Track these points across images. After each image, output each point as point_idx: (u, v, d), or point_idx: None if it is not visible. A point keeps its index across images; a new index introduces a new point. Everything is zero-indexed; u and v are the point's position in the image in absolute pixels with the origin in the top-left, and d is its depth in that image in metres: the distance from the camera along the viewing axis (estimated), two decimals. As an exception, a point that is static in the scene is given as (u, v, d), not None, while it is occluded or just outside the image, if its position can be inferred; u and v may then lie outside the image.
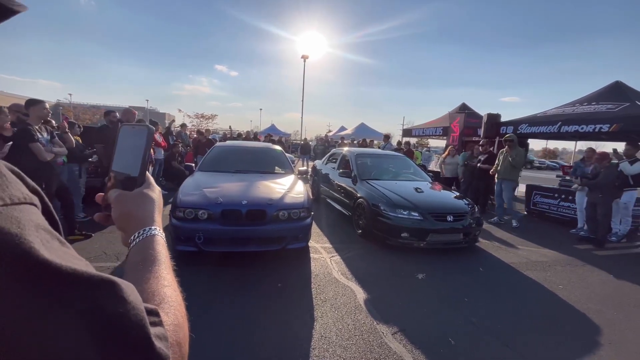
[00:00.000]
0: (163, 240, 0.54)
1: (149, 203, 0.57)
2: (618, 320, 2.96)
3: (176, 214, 3.48)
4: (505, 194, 6.31)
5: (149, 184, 0.60)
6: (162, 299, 0.42)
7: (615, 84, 6.92)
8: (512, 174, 6.25)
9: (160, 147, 7.26)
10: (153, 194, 0.59)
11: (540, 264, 4.30)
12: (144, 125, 0.59)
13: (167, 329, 0.36)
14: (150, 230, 0.53)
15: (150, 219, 0.55)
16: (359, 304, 2.91)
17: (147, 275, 0.45)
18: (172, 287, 0.46)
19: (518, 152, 6.21)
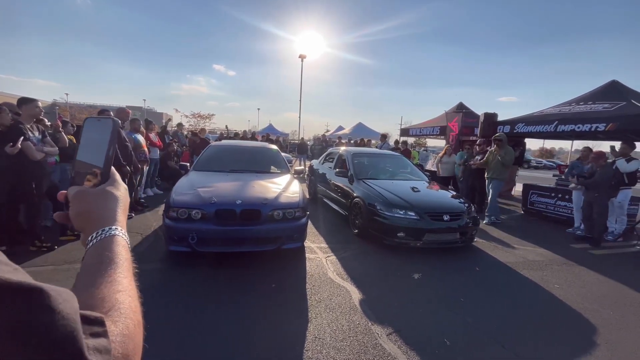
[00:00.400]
0: (124, 241, 0.51)
1: (111, 201, 0.53)
2: (614, 320, 2.94)
3: (169, 214, 3.43)
4: (492, 192, 6.35)
5: (114, 180, 0.56)
6: (112, 306, 0.39)
7: (611, 83, 6.93)
8: (502, 173, 6.31)
9: (156, 146, 7.20)
10: (117, 192, 0.55)
11: (537, 263, 4.29)
12: (109, 117, 0.56)
13: (112, 340, 0.32)
14: (110, 230, 0.50)
15: (111, 219, 0.51)
16: (354, 305, 2.88)
17: (100, 279, 0.42)
18: (127, 292, 0.43)
19: (507, 150, 6.26)
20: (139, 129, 6.10)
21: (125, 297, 0.42)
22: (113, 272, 0.44)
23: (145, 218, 5.25)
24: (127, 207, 0.57)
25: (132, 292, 0.44)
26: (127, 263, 0.48)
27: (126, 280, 0.45)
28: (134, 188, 5.76)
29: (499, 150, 6.23)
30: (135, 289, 0.45)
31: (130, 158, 5.25)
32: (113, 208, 0.53)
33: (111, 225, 0.50)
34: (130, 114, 5.65)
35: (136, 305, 0.43)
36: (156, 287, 3.02)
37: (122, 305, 0.40)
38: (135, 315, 0.41)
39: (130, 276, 0.46)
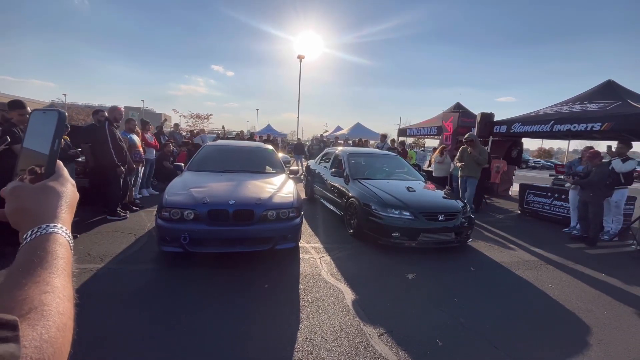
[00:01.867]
0: (64, 240, 0.48)
1: (51, 197, 0.50)
2: (608, 320, 2.93)
3: (162, 214, 3.41)
4: (469, 190, 6.44)
5: (59, 175, 0.53)
6: (32, 308, 0.36)
7: (607, 82, 6.93)
8: (477, 171, 6.45)
9: (152, 147, 7.17)
10: (60, 187, 0.52)
11: (532, 263, 4.28)
12: (55, 109, 0.53)
13: (25, 345, 0.30)
14: (47, 228, 0.47)
15: (50, 216, 0.48)
16: (346, 305, 2.86)
17: (24, 279, 0.39)
18: (57, 293, 0.40)
19: (481, 150, 6.43)
20: (134, 129, 6.07)
21: (53, 298, 0.39)
22: (43, 272, 0.41)
23: (140, 218, 5.21)
24: (73, 205, 0.54)
25: (63, 293, 0.41)
26: (62, 262, 0.44)
27: (58, 280, 0.41)
28: (129, 188, 5.74)
29: (473, 151, 6.37)
30: (68, 289, 0.42)
31: (124, 158, 5.23)
32: (53, 204, 0.50)
33: (50, 222, 0.47)
34: (122, 111, 5.62)
35: (65, 308, 0.40)
36: (148, 288, 2.99)
37: (46, 308, 0.37)
38: (62, 318, 0.38)
39: (64, 276, 0.43)
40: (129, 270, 3.34)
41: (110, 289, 2.93)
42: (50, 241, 0.45)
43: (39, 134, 0.52)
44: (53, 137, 0.52)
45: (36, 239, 0.45)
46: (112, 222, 4.85)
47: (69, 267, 0.45)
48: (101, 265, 3.37)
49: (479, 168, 6.45)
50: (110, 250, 3.80)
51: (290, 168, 5.35)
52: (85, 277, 3.09)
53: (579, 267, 4.25)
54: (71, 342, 0.38)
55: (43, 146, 0.52)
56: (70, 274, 0.45)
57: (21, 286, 0.38)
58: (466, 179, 6.52)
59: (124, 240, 4.15)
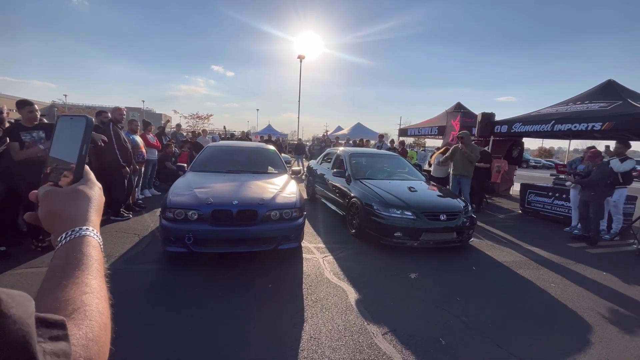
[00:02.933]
0: (96, 242, 0.50)
1: (82, 200, 0.53)
2: (609, 318, 2.95)
3: (166, 215, 3.44)
4: (464, 190, 6.42)
5: (87, 179, 0.56)
6: (76, 308, 0.38)
7: (607, 82, 6.95)
8: (469, 170, 6.45)
9: (154, 147, 7.20)
10: (90, 191, 0.55)
11: (533, 262, 4.30)
12: (83, 115, 0.55)
13: (74, 343, 0.32)
14: (80, 230, 0.49)
15: (82, 219, 0.51)
16: (350, 304, 2.88)
17: (65, 281, 0.42)
18: (95, 294, 0.42)
19: (473, 148, 6.43)
20: (137, 129, 6.10)
21: (92, 299, 0.41)
22: (81, 274, 0.43)
23: (143, 219, 5.24)
24: (100, 207, 0.56)
25: (100, 294, 0.43)
26: (97, 264, 0.47)
27: (95, 282, 0.44)
28: (132, 189, 5.77)
29: (465, 148, 6.34)
30: (104, 290, 0.45)
31: (129, 159, 5.25)
32: (85, 208, 0.52)
33: (82, 225, 0.50)
34: (125, 112, 5.65)
35: (104, 307, 0.42)
36: (152, 288, 3.02)
37: (87, 308, 0.39)
38: (102, 317, 0.40)
39: (100, 277, 0.46)
40: (133, 270, 3.37)
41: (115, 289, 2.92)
42: (83, 244, 0.48)
43: (66, 139, 0.54)
44: (81, 142, 0.54)
45: (71, 242, 0.47)
46: (116, 223, 4.88)
47: (102, 268, 0.48)
48: (106, 266, 3.39)
49: (471, 167, 6.46)
50: (115, 250, 3.83)
51: (292, 168, 5.37)
52: (91, 277, 3.12)
53: (580, 266, 4.28)
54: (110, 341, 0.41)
55: (71, 151, 0.54)
56: (103, 275, 0.47)
57: (62, 287, 0.40)
58: (460, 178, 6.50)
59: (127, 241, 4.18)
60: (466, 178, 6.47)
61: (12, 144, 3.47)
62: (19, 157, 3.50)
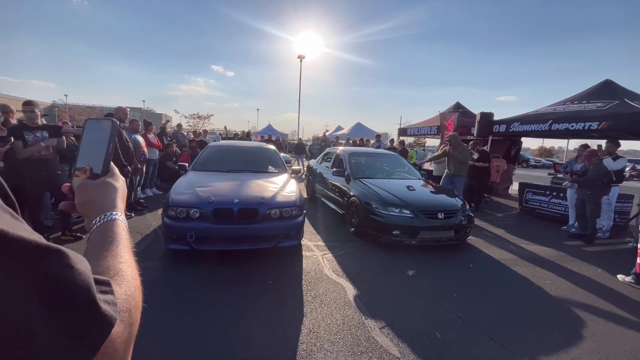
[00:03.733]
0: (124, 224, 0.58)
1: (111, 190, 0.61)
2: (602, 313, 3.02)
3: (168, 213, 3.50)
4: (458, 188, 6.50)
5: (113, 173, 0.64)
6: (116, 273, 0.46)
7: (605, 82, 7.00)
8: (462, 169, 6.54)
9: (155, 147, 7.27)
10: (116, 183, 0.63)
11: (530, 259, 4.36)
12: (109, 119, 0.63)
13: (117, 297, 0.40)
14: (111, 215, 0.57)
15: (112, 205, 0.59)
16: (348, 300, 2.95)
17: (104, 253, 0.49)
18: (128, 264, 0.50)
19: (462, 149, 6.52)
20: (138, 129, 6.17)
21: (127, 267, 0.49)
22: (115, 248, 0.51)
23: (145, 218, 5.31)
24: (124, 197, 0.64)
25: (131, 264, 0.51)
26: (126, 242, 0.55)
27: (127, 254, 0.52)
28: (133, 188, 5.84)
29: (454, 151, 6.45)
30: (134, 262, 0.53)
31: (131, 158, 5.31)
32: (113, 197, 0.61)
33: (112, 210, 0.58)
34: (128, 111, 5.72)
35: (136, 274, 0.50)
36: (155, 285, 3.09)
37: (124, 273, 0.47)
38: (135, 281, 0.49)
39: (129, 252, 0.54)
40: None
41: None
42: (115, 225, 0.56)
43: (94, 140, 0.62)
44: (108, 141, 0.61)
45: (104, 224, 0.56)
46: (118, 221, 4.94)
47: (130, 244, 0.56)
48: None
49: (463, 166, 6.57)
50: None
51: (292, 167, 5.44)
52: (95, 274, 3.19)
53: (576, 263, 4.34)
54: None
55: (99, 150, 0.61)
56: (131, 250, 0.55)
57: (103, 257, 0.49)
58: (452, 177, 6.59)
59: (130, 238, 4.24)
60: (459, 177, 6.55)
61: (15, 142, 3.56)
62: (22, 155, 3.61)
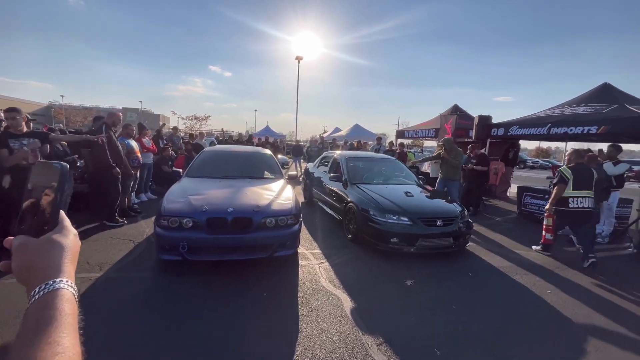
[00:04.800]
0: (70, 294, 0.49)
1: (56, 251, 0.52)
2: (604, 325, 2.95)
3: (160, 223, 3.41)
4: (452, 192, 6.43)
5: (62, 227, 0.55)
6: None
7: (603, 85, 6.97)
8: (456, 174, 6.50)
9: (150, 151, 7.16)
10: (64, 240, 0.54)
11: (530, 267, 4.30)
12: (58, 163, 0.54)
13: None
14: (53, 284, 0.48)
15: (55, 270, 0.50)
16: (345, 314, 2.87)
17: (39, 339, 0.41)
18: (67, 353, 0.42)
19: (456, 153, 6.46)
20: (132, 134, 6.07)
21: (65, 359, 0.41)
22: (53, 332, 0.43)
23: (138, 225, 5.21)
24: (76, 254, 0.56)
25: (72, 351, 0.43)
26: (70, 319, 0.46)
27: (67, 340, 0.43)
28: (127, 193, 5.73)
29: (448, 155, 6.40)
30: (77, 347, 0.44)
31: (120, 159, 5.20)
32: (58, 258, 0.51)
33: (55, 277, 0.49)
34: (121, 117, 5.63)
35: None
36: (147, 297, 3.00)
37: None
38: None
39: (72, 333, 0.45)
40: (127, 278, 3.34)
41: (109, 298, 2.93)
42: (57, 297, 0.47)
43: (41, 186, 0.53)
44: (57, 189, 0.53)
45: (44, 296, 0.47)
46: (111, 229, 4.84)
47: (76, 321, 0.47)
48: (100, 274, 3.37)
49: (457, 171, 6.52)
50: (109, 257, 3.80)
51: (288, 173, 5.34)
52: (85, 286, 3.09)
53: (576, 271, 4.28)
54: None
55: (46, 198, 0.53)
56: (77, 329, 0.47)
57: (35, 347, 0.40)
58: (446, 181, 6.54)
59: (122, 248, 4.15)
60: (452, 181, 6.50)
61: (0, 151, 3.46)
62: (8, 164, 3.51)
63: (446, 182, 6.55)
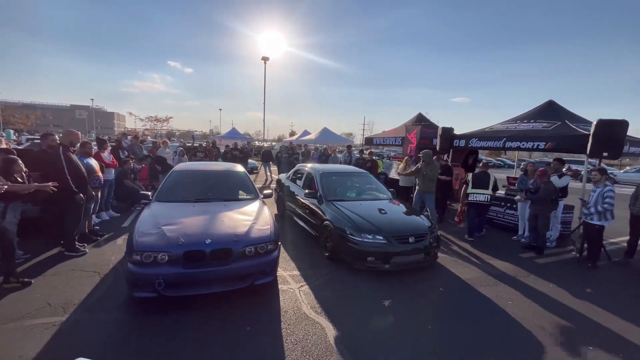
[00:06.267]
0: None
1: None
2: (558, 337, 3.28)
3: (133, 258, 3.22)
4: (428, 204, 6.88)
5: None
6: None
7: (548, 103, 7.73)
8: (431, 186, 6.89)
9: (111, 167, 6.71)
10: None
11: (492, 277, 4.67)
12: None
13: None
14: None
15: None
16: (329, 344, 2.93)
17: None
18: None
19: (432, 166, 6.88)
20: (91, 152, 5.64)
21: None
22: None
23: (102, 252, 4.86)
24: None
25: None
26: None
27: None
28: (88, 216, 5.33)
29: (426, 167, 6.81)
30: None
31: (84, 184, 4.82)
32: None
33: None
34: (80, 135, 5.20)
35: None
36: (120, 343, 2.83)
37: None
38: None
39: None
40: (97, 321, 3.11)
41: (77, 348, 2.72)
42: None
43: None
44: None
45: None
46: (72, 260, 4.47)
47: None
48: (64, 318, 3.12)
49: (433, 183, 6.88)
50: (73, 296, 3.53)
51: (264, 192, 5.28)
52: (48, 334, 2.85)
53: (532, 278, 4.73)
54: None
55: None
56: None
57: None
58: (423, 194, 6.91)
59: (87, 282, 3.86)
60: (429, 194, 6.87)
61: None
62: None
63: (423, 194, 6.91)
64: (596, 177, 5.24)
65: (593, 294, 4.32)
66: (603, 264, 5.49)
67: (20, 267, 4.08)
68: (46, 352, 2.64)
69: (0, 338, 2.78)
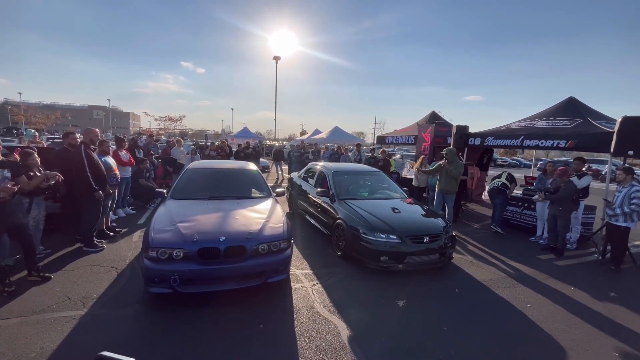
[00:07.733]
0: None
1: None
2: (580, 340, 3.17)
3: (149, 255, 3.28)
4: (448, 205, 6.46)
5: None
6: None
7: (569, 100, 7.47)
8: (454, 185, 6.38)
9: (128, 165, 6.85)
10: None
11: (509, 279, 4.54)
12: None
13: None
14: None
15: None
16: (343, 343, 2.91)
17: None
18: None
19: (457, 164, 6.30)
20: (108, 151, 5.77)
21: None
22: None
23: (119, 247, 4.97)
24: None
25: None
26: None
27: None
28: (106, 213, 5.45)
29: (448, 165, 6.26)
30: None
31: (103, 183, 4.94)
32: None
33: None
34: (98, 133, 5.32)
35: None
36: (137, 337, 2.88)
37: None
38: None
39: None
40: (115, 315, 3.17)
41: (97, 341, 2.78)
42: None
43: None
44: None
45: None
46: (89, 255, 4.59)
47: None
48: (84, 312, 3.19)
49: (455, 182, 6.41)
50: (92, 290, 3.61)
51: (277, 190, 5.30)
52: (69, 327, 2.92)
53: (551, 281, 4.58)
54: None
55: None
56: None
57: None
58: (444, 194, 6.49)
59: (104, 277, 3.95)
60: (451, 194, 6.45)
61: None
62: None
63: (445, 195, 6.44)
64: (621, 177, 5.03)
65: (617, 298, 4.15)
66: (627, 267, 5.27)
67: (41, 262, 4.20)
68: (67, 345, 2.71)
69: (23, 330, 2.86)
